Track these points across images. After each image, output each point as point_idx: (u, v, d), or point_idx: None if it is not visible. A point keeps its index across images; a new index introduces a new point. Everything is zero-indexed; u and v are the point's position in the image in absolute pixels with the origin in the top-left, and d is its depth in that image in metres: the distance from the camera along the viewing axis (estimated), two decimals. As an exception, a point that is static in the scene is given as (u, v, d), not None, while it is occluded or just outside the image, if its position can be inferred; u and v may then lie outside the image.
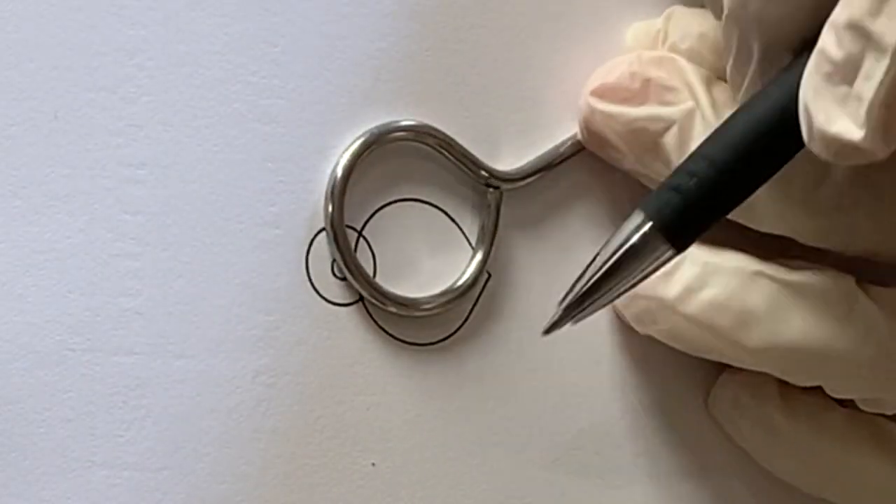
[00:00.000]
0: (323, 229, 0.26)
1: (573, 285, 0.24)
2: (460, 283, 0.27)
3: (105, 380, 0.24)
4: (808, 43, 0.21)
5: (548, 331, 0.25)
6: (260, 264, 0.26)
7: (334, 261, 0.26)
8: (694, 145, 0.26)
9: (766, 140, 0.22)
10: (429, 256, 0.27)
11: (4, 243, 0.24)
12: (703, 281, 0.26)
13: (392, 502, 0.26)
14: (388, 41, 0.27)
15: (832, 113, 0.20)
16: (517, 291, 0.28)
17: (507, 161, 0.28)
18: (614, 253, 0.23)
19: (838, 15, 0.20)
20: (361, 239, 0.27)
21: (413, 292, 0.27)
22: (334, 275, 0.26)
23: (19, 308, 0.24)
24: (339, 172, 0.26)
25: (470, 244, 0.27)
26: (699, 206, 0.23)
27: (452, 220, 0.27)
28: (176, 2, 0.26)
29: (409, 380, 0.26)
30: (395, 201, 0.27)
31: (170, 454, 0.25)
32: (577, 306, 0.24)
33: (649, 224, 0.23)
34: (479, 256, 0.27)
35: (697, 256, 0.26)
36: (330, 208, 0.26)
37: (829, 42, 0.20)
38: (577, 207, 0.28)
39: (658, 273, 0.26)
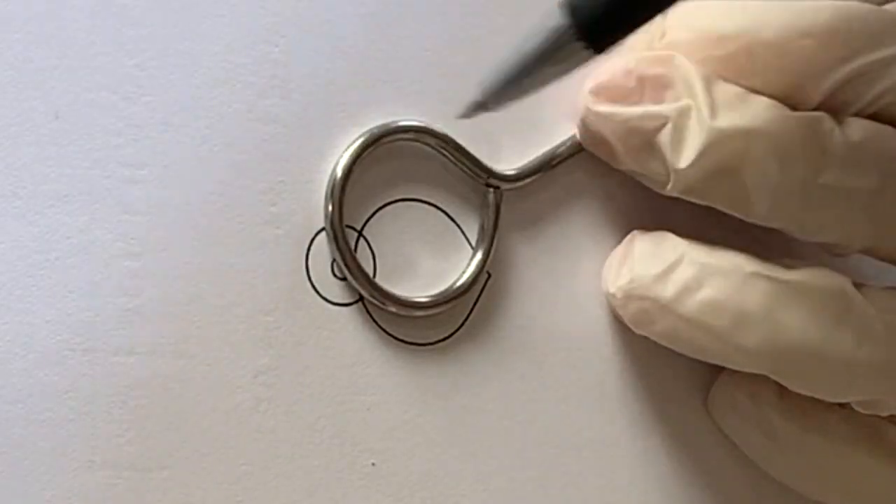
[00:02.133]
0: (323, 229, 0.26)
1: (492, 75, 0.23)
2: (460, 283, 0.27)
3: (105, 380, 0.24)
4: None
5: (463, 115, 0.24)
6: (260, 264, 0.26)
7: (334, 261, 0.26)
8: (689, 144, 0.26)
9: None
10: (429, 256, 0.27)
11: (4, 243, 0.24)
12: (700, 281, 0.26)
13: (392, 502, 0.26)
14: (388, 41, 0.27)
15: None
16: (517, 291, 0.28)
17: (507, 161, 0.28)
18: (532, 50, 0.23)
19: None
20: (361, 239, 0.27)
21: (413, 292, 0.27)
22: (334, 275, 0.26)
23: (19, 308, 0.24)
24: (339, 172, 0.26)
25: (470, 244, 0.27)
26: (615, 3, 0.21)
27: (452, 220, 0.27)
28: (176, 2, 0.26)
29: (409, 380, 0.26)
30: (395, 201, 0.27)
31: (170, 454, 0.25)
32: (495, 98, 0.23)
33: (566, 24, 0.22)
34: (479, 256, 0.27)
35: (694, 256, 0.26)
36: (330, 208, 0.26)
37: None
38: (577, 207, 0.28)
39: (655, 273, 0.26)
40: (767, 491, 0.29)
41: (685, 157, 0.26)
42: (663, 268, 0.26)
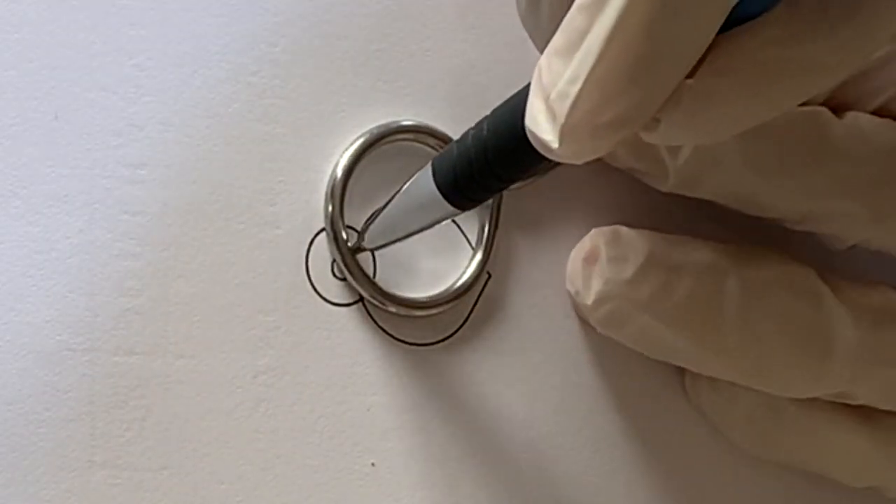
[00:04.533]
0: (323, 229, 0.26)
1: (372, 218, 0.26)
2: (460, 283, 0.27)
3: (105, 380, 0.24)
4: None
5: (354, 252, 0.26)
6: (260, 264, 0.26)
7: (334, 261, 0.26)
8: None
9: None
10: (429, 256, 0.27)
11: (4, 243, 0.24)
12: (673, 281, 0.26)
13: (392, 502, 0.26)
14: (388, 41, 0.27)
15: (538, 117, 0.20)
16: (517, 291, 0.28)
17: (507, 161, 0.28)
18: (405, 203, 0.24)
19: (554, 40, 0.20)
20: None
21: (413, 292, 0.27)
22: (334, 275, 0.26)
23: (19, 308, 0.24)
24: (339, 172, 0.26)
25: (470, 244, 0.27)
26: (472, 167, 0.22)
27: (452, 219, 0.27)
28: (176, 2, 0.26)
29: (409, 380, 0.26)
30: (396, 201, 0.27)
31: (170, 454, 0.25)
32: (374, 242, 0.26)
33: (433, 183, 0.23)
34: (479, 256, 0.27)
35: (665, 256, 0.26)
36: (330, 208, 0.26)
37: (547, 50, 0.20)
38: (577, 207, 0.28)
39: (626, 275, 0.26)
40: (766, 488, 0.29)
41: (683, 153, 0.26)
42: (636, 269, 0.26)
